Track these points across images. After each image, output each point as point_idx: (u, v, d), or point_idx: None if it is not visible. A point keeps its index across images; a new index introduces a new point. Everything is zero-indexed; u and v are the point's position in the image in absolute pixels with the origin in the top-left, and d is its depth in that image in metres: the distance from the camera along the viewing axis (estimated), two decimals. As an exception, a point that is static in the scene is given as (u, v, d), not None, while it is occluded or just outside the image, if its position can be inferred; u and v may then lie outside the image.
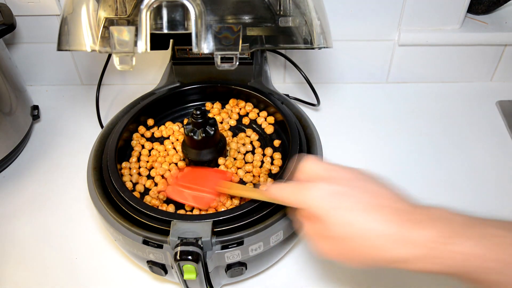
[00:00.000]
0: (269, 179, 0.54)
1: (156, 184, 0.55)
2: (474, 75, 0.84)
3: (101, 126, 0.76)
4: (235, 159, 0.56)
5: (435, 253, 0.34)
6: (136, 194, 0.53)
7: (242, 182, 0.54)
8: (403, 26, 0.77)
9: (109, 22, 0.52)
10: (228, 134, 0.60)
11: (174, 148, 0.59)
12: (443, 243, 0.34)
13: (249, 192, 0.48)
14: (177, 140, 0.60)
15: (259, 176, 0.54)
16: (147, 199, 0.52)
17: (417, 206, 0.37)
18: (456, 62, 0.82)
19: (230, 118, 0.62)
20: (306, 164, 0.41)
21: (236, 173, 0.55)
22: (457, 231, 0.34)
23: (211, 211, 0.51)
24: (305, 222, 0.40)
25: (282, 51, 0.79)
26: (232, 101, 0.63)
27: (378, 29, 0.77)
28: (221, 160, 0.56)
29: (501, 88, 0.84)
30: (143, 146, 0.59)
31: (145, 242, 0.46)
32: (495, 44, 0.79)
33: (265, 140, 0.59)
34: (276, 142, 0.58)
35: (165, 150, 0.58)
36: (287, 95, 0.71)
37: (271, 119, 0.61)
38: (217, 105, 0.63)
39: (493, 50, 0.80)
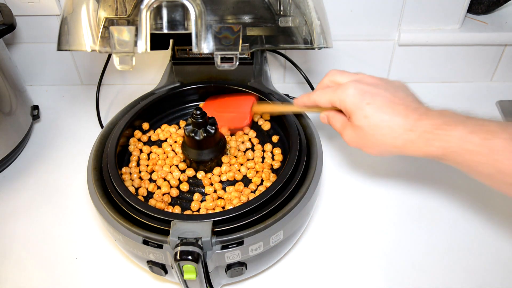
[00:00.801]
0: (272, 174, 0.54)
1: (159, 187, 0.54)
2: (474, 75, 0.84)
3: (101, 126, 0.76)
4: (235, 156, 0.57)
5: (428, 137, 0.42)
6: (140, 198, 0.53)
7: (246, 178, 0.54)
8: (403, 26, 0.77)
9: (109, 22, 0.52)
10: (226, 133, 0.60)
11: (173, 150, 0.58)
12: (436, 129, 0.42)
13: (281, 107, 0.56)
14: (175, 142, 0.59)
15: (262, 171, 0.54)
16: (152, 202, 0.52)
17: (423, 105, 0.46)
18: (456, 62, 0.82)
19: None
20: (333, 73, 0.51)
21: (239, 170, 0.55)
22: (450, 122, 0.42)
23: (218, 209, 0.51)
24: (335, 118, 0.50)
25: (282, 51, 0.79)
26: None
27: (378, 29, 0.77)
28: (225, 159, 0.56)
29: (501, 88, 0.84)
30: (141, 151, 0.59)
31: (145, 242, 0.46)
32: (495, 44, 0.79)
33: (263, 137, 0.60)
34: (275, 138, 0.58)
35: (164, 153, 0.58)
36: (287, 95, 0.71)
37: (266, 115, 0.61)
38: None
39: (493, 50, 0.80)
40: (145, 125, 0.61)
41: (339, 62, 0.82)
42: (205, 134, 0.52)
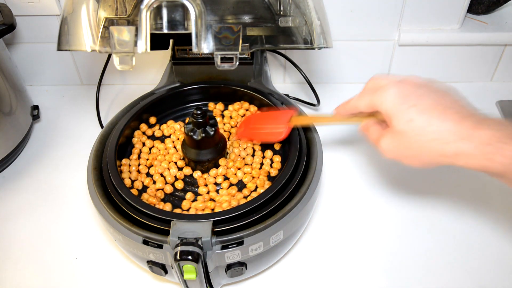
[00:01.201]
0: (267, 182, 0.54)
1: (154, 182, 0.55)
2: (474, 75, 0.84)
3: (101, 126, 0.76)
4: (234, 158, 0.56)
5: (487, 150, 0.37)
6: (134, 191, 0.53)
7: (241, 183, 0.54)
8: (403, 26, 0.77)
9: (109, 22, 0.52)
10: (233, 132, 0.60)
11: (175, 147, 0.59)
12: (497, 142, 0.36)
13: (321, 119, 0.55)
14: (178, 139, 0.60)
15: (258, 177, 0.54)
16: (145, 196, 0.53)
17: (478, 111, 0.40)
18: (456, 62, 0.82)
19: (231, 118, 0.62)
20: (376, 77, 0.46)
21: (235, 174, 0.55)
22: (510, 134, 0.36)
23: (207, 211, 0.51)
24: (371, 128, 0.46)
25: (282, 51, 0.79)
26: (237, 104, 0.63)
27: (378, 29, 0.77)
28: (222, 161, 0.56)
29: (501, 88, 0.84)
30: (144, 144, 0.59)
31: (145, 242, 0.46)
32: (495, 44, 0.79)
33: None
34: (277, 145, 0.58)
35: (166, 149, 0.59)
36: (287, 95, 0.71)
37: None
38: (220, 106, 0.63)
39: (493, 50, 0.80)
40: (152, 119, 0.61)
41: (339, 62, 0.82)
42: (203, 135, 0.52)
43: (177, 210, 0.52)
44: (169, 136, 0.61)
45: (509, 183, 0.38)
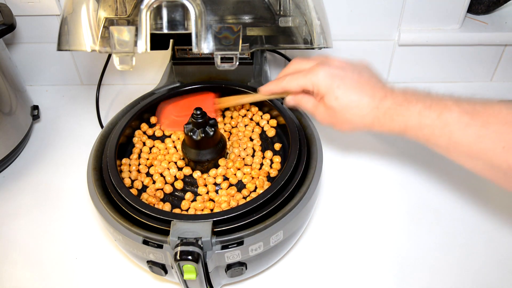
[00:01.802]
0: (267, 183, 0.54)
1: (154, 182, 0.55)
2: (474, 75, 0.84)
3: (101, 126, 0.76)
4: (234, 159, 0.56)
5: (392, 113, 0.46)
6: (134, 191, 0.53)
7: (241, 183, 0.54)
8: (403, 26, 0.77)
9: (109, 22, 0.52)
10: (233, 133, 0.60)
11: (175, 147, 0.59)
12: (398, 106, 0.46)
13: (246, 98, 0.57)
14: (178, 139, 0.60)
15: (258, 177, 0.54)
16: (144, 196, 0.53)
17: (387, 84, 0.49)
18: (456, 62, 0.82)
19: (232, 118, 0.62)
20: (297, 61, 0.53)
21: (235, 175, 0.55)
22: (411, 99, 0.45)
23: (206, 211, 0.51)
24: (305, 100, 0.53)
25: (282, 51, 0.79)
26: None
27: (378, 29, 0.77)
28: (222, 161, 0.56)
29: (501, 88, 0.84)
30: (144, 144, 0.59)
31: (145, 242, 0.46)
32: (495, 44, 0.79)
33: (266, 143, 0.59)
34: (277, 146, 0.58)
35: (166, 149, 0.59)
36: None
37: (273, 122, 0.60)
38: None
39: (493, 50, 0.80)
40: (153, 119, 0.62)
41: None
42: (203, 135, 0.52)
43: (176, 210, 0.52)
44: (169, 136, 0.61)
45: (412, 138, 0.46)
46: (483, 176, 0.44)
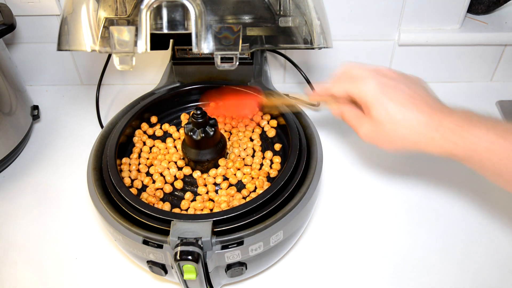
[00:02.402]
0: (266, 183, 0.54)
1: (154, 182, 0.55)
2: (474, 75, 0.84)
3: (101, 126, 0.76)
4: (234, 159, 0.56)
5: (450, 136, 0.42)
6: (134, 190, 0.53)
7: (240, 183, 0.54)
8: (403, 26, 0.77)
9: (109, 22, 0.52)
10: (233, 133, 0.60)
11: (175, 147, 0.59)
12: (461, 130, 0.41)
13: (292, 100, 0.57)
14: (179, 138, 0.60)
15: (258, 177, 0.54)
16: (144, 195, 0.53)
17: (444, 103, 0.45)
18: (456, 62, 0.82)
19: (233, 118, 0.62)
20: (350, 65, 0.49)
21: (235, 175, 0.55)
22: (472, 123, 0.42)
23: (206, 211, 0.51)
24: (350, 112, 0.49)
25: (282, 51, 0.79)
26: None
27: (378, 29, 0.77)
28: (222, 161, 0.56)
29: (501, 88, 0.84)
30: (144, 143, 0.59)
31: (145, 242, 0.46)
32: (495, 44, 0.79)
33: (266, 144, 0.59)
34: (277, 146, 0.58)
35: (166, 148, 0.59)
36: (287, 95, 0.71)
37: (273, 122, 0.60)
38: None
39: (493, 50, 0.80)
40: (153, 119, 0.62)
41: (339, 62, 0.82)
42: (203, 135, 0.52)
43: (176, 210, 0.52)
44: (170, 135, 0.61)
45: (472, 166, 0.43)
46: None
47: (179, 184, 0.54)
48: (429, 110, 0.44)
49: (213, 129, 0.53)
